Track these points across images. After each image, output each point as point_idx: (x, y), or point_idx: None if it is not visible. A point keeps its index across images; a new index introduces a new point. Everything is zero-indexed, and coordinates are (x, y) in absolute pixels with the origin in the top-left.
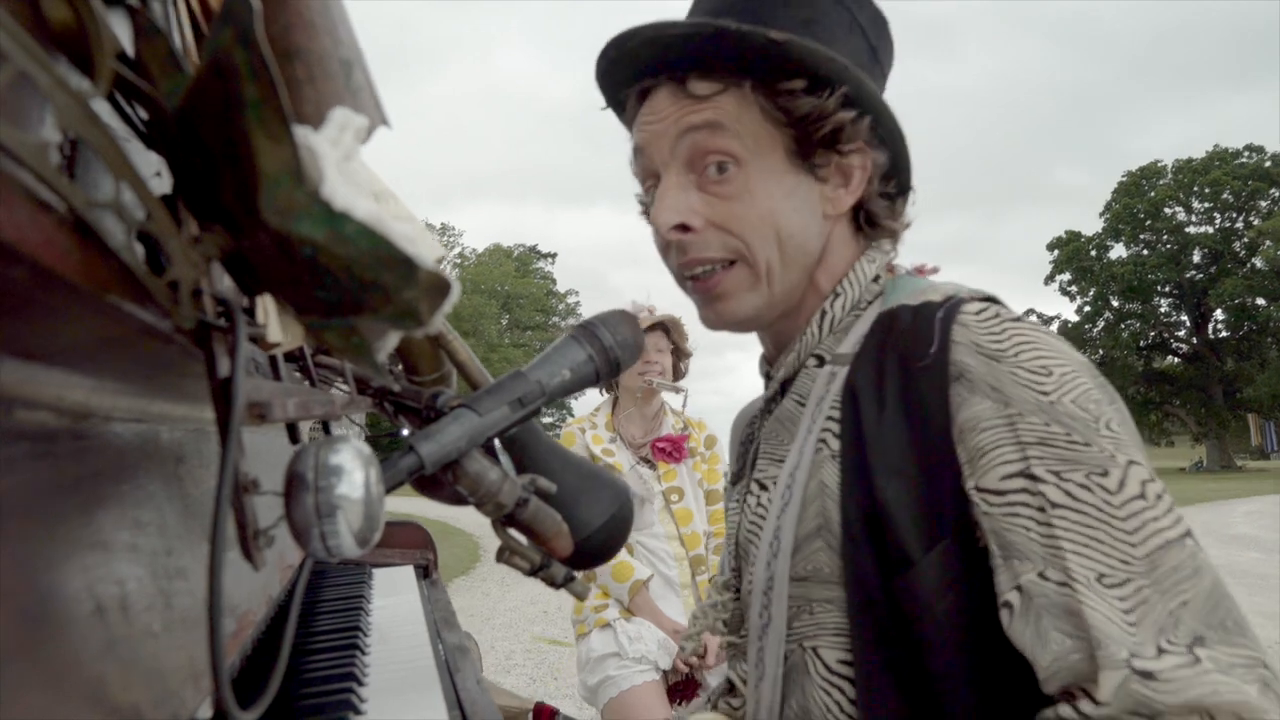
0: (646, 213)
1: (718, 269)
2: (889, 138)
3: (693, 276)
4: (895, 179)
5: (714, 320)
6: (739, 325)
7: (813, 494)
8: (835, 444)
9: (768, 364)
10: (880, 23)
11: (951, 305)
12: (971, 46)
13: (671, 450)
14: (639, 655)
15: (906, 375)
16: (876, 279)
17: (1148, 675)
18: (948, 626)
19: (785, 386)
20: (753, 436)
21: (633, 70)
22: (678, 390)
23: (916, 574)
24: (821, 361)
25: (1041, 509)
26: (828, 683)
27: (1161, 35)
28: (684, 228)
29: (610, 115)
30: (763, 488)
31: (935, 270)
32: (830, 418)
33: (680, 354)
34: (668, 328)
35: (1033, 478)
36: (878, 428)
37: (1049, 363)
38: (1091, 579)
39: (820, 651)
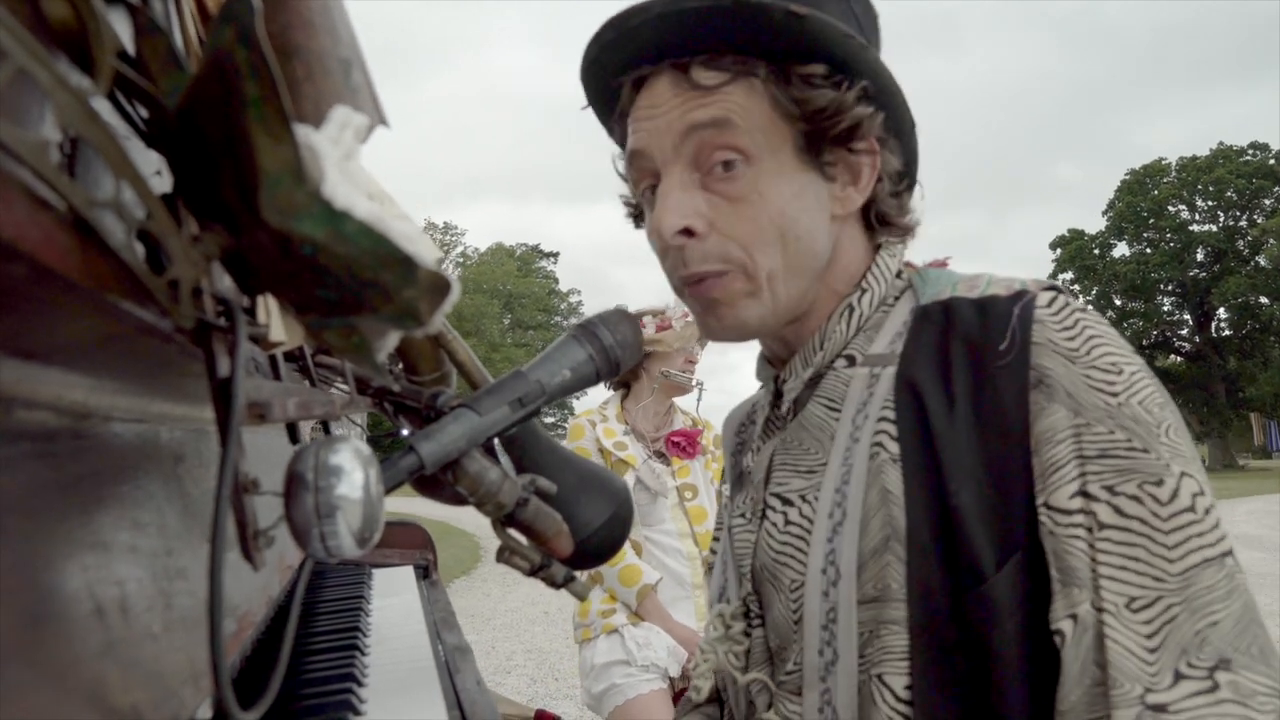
0: (637, 215)
1: (718, 274)
2: (902, 133)
3: (691, 283)
4: (906, 175)
5: (716, 329)
6: (742, 333)
7: (874, 504)
8: (895, 447)
9: (772, 366)
10: (873, 16)
11: (1027, 301)
12: (976, 42)
13: (686, 445)
14: (648, 662)
15: (981, 374)
16: (899, 274)
17: (1160, 709)
18: (1015, 647)
19: (804, 391)
20: (746, 443)
21: (629, 55)
22: (693, 385)
23: (990, 589)
24: (852, 362)
25: (1091, 530)
26: (896, 712)
27: (1167, 31)
28: (688, 232)
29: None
30: (786, 503)
31: (946, 263)
32: (884, 419)
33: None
34: None
35: (1088, 496)
36: (949, 428)
37: (1119, 360)
38: (1120, 605)
39: (886, 679)
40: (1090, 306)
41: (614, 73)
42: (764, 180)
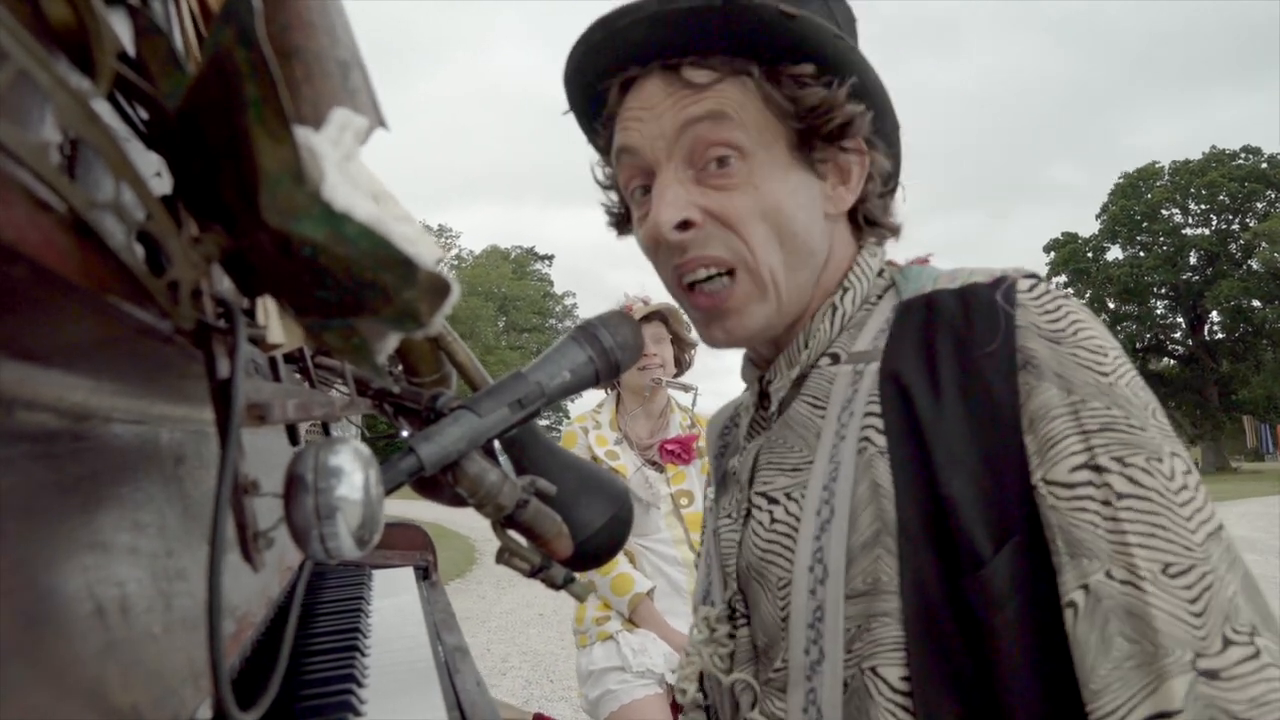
0: (619, 222)
1: (723, 280)
2: (887, 133)
3: (692, 284)
4: (894, 176)
5: (723, 338)
6: (749, 340)
7: (863, 499)
8: (882, 440)
9: (757, 368)
10: (851, 18)
11: (1008, 287)
12: (974, 43)
13: (680, 452)
14: (643, 669)
15: (967, 362)
16: (881, 273)
17: (1213, 675)
18: (1016, 629)
19: (789, 391)
20: (730, 445)
21: (617, 56)
22: (687, 389)
23: (989, 573)
24: (836, 360)
25: (1107, 501)
26: (893, 704)
27: (1165, 33)
28: (686, 225)
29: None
30: (772, 501)
31: (928, 260)
32: (870, 413)
33: (682, 344)
34: (665, 317)
35: (1098, 469)
36: (936, 419)
37: (1104, 343)
38: (1157, 571)
39: (880, 670)
40: (1070, 292)
41: (600, 75)
42: (759, 174)
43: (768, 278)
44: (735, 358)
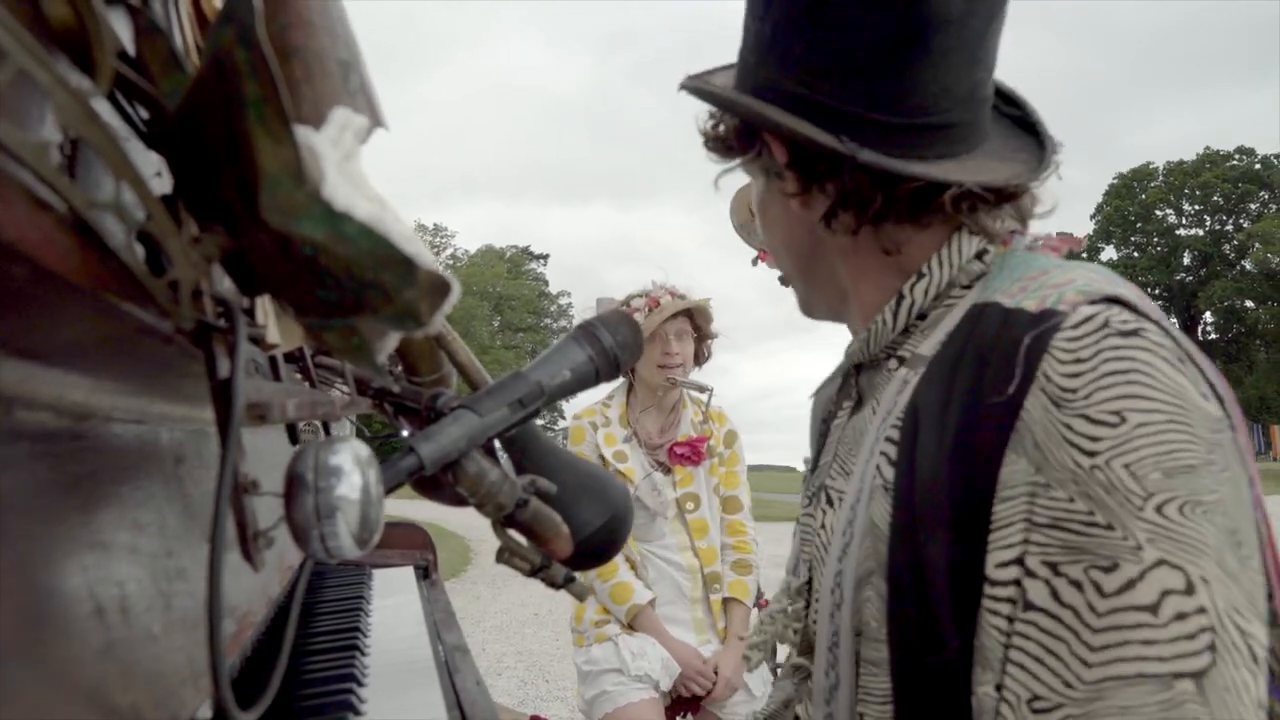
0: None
1: None
2: (843, 122)
3: None
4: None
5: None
6: (808, 312)
7: (866, 530)
8: (890, 473)
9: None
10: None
11: (1046, 329)
12: None
13: (690, 455)
14: (641, 673)
15: (973, 411)
16: (980, 255)
17: None
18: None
19: (861, 382)
20: (827, 424)
21: None
22: (702, 389)
23: (950, 659)
24: (902, 362)
25: (1015, 605)
26: None
27: (1168, 31)
28: None
29: (613, 107)
30: (829, 502)
31: (1055, 242)
32: (889, 439)
33: (703, 337)
34: (693, 313)
35: (1025, 569)
36: (932, 470)
37: (1130, 406)
38: (1022, 700)
39: None
40: (1154, 328)
41: None
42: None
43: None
44: (728, 361)
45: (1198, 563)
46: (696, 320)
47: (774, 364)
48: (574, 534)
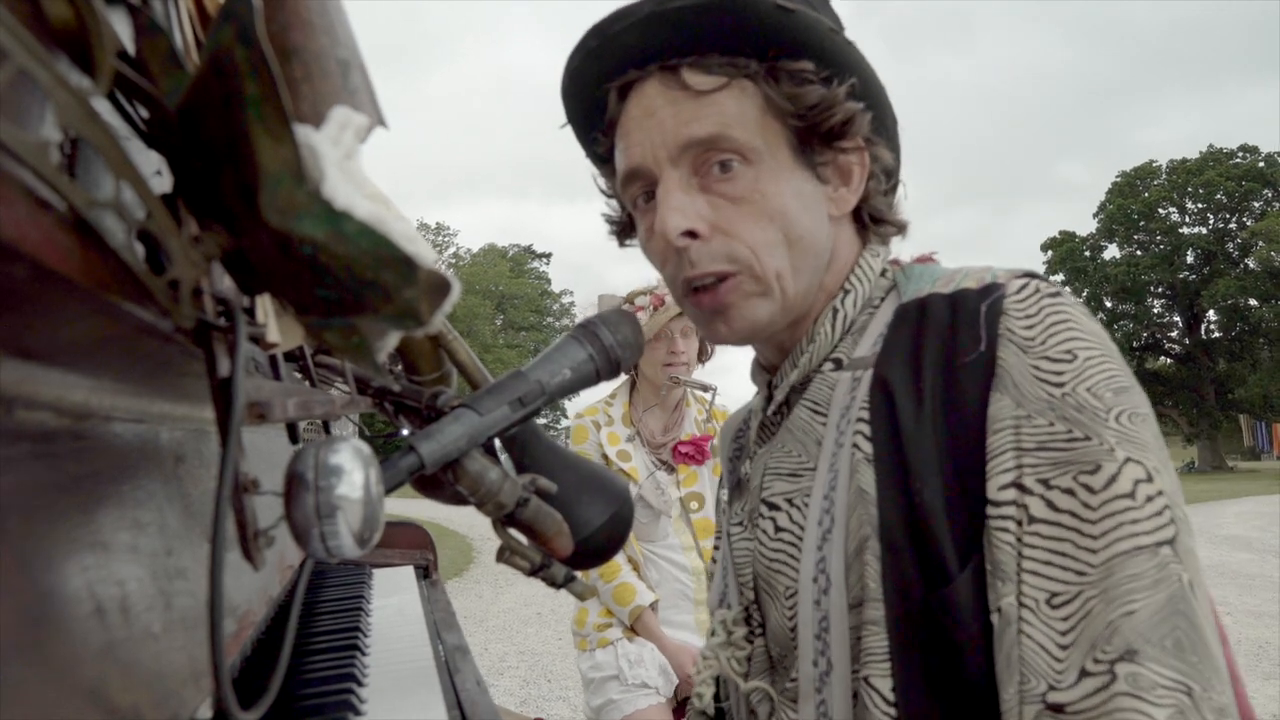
0: (624, 229)
1: (726, 280)
2: (886, 130)
3: (695, 290)
4: (895, 172)
5: (726, 333)
6: (752, 335)
7: (853, 504)
8: (869, 446)
9: (766, 372)
10: (839, 22)
11: (997, 296)
12: (986, 38)
13: (694, 453)
14: (638, 680)
15: (949, 371)
16: (884, 273)
17: (1058, 709)
18: (981, 648)
19: (792, 395)
20: (743, 449)
21: (615, 61)
22: (706, 388)
23: (953, 591)
24: (839, 365)
25: (1020, 523)
26: (887, 715)
27: (1176, 28)
28: (692, 234)
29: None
30: (773, 508)
31: (932, 258)
32: (860, 419)
33: None
34: None
35: (1021, 488)
36: (916, 427)
37: (1075, 346)
38: (1041, 601)
39: (874, 681)
40: (1066, 290)
41: (597, 81)
42: (764, 180)
43: (772, 279)
44: (732, 360)
45: (1149, 457)
46: None
47: None
48: (575, 533)
